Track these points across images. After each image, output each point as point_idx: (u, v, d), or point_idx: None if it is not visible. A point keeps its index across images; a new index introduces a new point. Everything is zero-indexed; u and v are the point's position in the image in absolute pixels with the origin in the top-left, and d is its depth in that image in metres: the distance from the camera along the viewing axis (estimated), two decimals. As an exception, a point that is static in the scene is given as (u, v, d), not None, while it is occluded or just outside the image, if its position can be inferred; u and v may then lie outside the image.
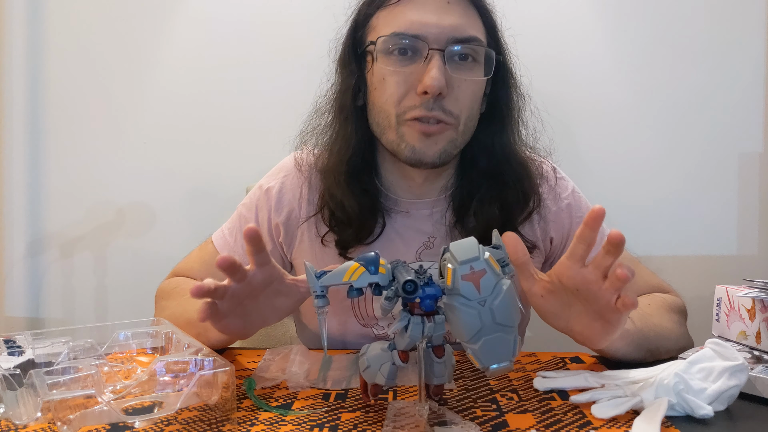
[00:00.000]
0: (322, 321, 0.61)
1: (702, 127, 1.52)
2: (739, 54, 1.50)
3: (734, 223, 1.53)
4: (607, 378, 0.70)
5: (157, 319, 0.80)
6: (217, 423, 0.60)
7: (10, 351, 0.68)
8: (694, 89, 1.51)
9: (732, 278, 0.91)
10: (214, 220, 1.56)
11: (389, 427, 0.58)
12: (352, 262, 0.59)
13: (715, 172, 1.52)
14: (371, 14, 0.86)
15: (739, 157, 1.52)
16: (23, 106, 1.60)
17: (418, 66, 0.82)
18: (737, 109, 1.51)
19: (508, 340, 0.53)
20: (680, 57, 1.51)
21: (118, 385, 0.66)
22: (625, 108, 1.51)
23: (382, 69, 0.83)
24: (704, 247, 1.53)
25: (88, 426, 0.58)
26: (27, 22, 1.59)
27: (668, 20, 1.50)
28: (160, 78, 1.58)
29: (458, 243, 0.55)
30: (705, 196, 1.53)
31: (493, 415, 0.63)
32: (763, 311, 0.75)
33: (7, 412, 0.59)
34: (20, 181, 1.61)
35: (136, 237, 1.60)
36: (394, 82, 0.82)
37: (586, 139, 1.52)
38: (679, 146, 1.52)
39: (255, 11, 1.56)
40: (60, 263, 1.61)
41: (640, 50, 1.49)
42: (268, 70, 1.56)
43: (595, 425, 0.60)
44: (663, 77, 1.51)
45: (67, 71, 1.59)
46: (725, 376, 0.63)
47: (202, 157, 1.58)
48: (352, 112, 0.89)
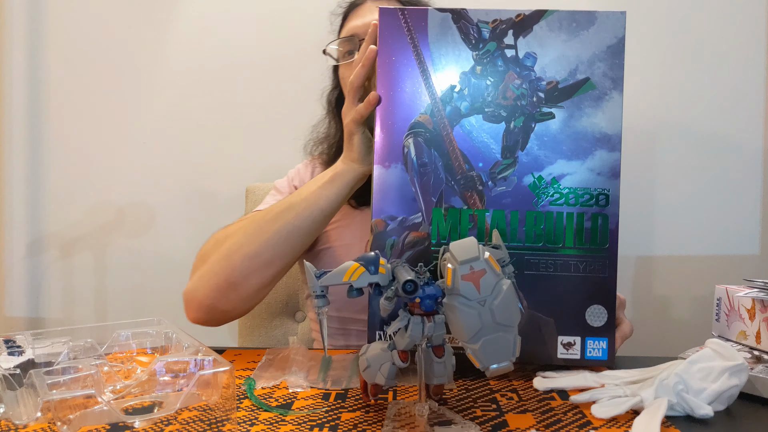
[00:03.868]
0: (322, 321, 0.61)
1: (702, 126, 1.52)
2: (739, 54, 1.50)
3: (734, 223, 1.52)
4: (607, 378, 0.70)
5: (158, 319, 0.80)
6: (217, 423, 0.60)
7: (10, 351, 0.68)
8: (694, 88, 1.51)
9: (732, 278, 0.91)
10: (214, 220, 1.57)
11: (389, 427, 0.58)
12: (352, 262, 0.59)
13: (715, 171, 1.52)
14: (340, 32, 1.04)
15: (739, 157, 1.52)
16: (23, 106, 1.60)
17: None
18: (737, 108, 1.51)
19: (508, 340, 0.54)
20: (679, 57, 1.51)
21: (118, 385, 0.66)
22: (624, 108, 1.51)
23: (340, 69, 1.00)
24: (704, 247, 1.53)
25: (88, 426, 0.58)
26: (27, 22, 1.59)
27: (669, 20, 1.50)
28: (160, 78, 1.58)
29: (458, 243, 0.55)
30: (705, 196, 1.52)
31: (493, 415, 0.63)
32: (763, 311, 0.75)
33: (7, 412, 0.59)
34: (20, 181, 1.61)
35: (136, 237, 1.60)
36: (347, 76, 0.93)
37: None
38: (679, 146, 1.52)
39: (255, 11, 1.56)
40: (60, 263, 1.61)
41: (639, 50, 1.50)
42: (268, 71, 1.56)
43: (595, 425, 0.60)
44: (664, 77, 1.51)
45: (67, 71, 1.59)
46: (725, 376, 0.63)
47: (202, 157, 1.58)
48: (336, 108, 1.04)
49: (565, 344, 0.74)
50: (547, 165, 0.75)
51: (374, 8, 0.97)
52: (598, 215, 0.75)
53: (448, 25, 0.76)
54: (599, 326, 0.74)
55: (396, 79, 0.77)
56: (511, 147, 0.75)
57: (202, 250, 0.94)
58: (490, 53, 0.75)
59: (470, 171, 0.75)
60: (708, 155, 1.52)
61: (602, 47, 0.75)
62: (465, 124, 0.75)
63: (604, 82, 0.75)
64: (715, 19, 1.50)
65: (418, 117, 0.76)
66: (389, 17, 0.77)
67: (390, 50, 0.77)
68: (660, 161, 1.53)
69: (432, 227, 0.75)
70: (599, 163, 0.75)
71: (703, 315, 0.94)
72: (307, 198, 0.86)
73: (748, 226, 1.53)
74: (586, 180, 0.75)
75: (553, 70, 0.75)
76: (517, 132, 0.75)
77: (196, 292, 0.88)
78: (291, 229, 0.85)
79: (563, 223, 0.74)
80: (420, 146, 0.75)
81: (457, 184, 0.75)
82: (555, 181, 0.74)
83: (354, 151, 0.85)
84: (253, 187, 1.33)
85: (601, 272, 0.74)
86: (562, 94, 0.75)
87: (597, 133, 0.75)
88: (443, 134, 0.75)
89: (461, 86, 0.76)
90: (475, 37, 0.75)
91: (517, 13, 0.76)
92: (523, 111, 0.75)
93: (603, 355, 0.74)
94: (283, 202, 0.89)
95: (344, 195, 0.86)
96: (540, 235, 0.74)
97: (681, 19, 1.51)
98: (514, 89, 0.75)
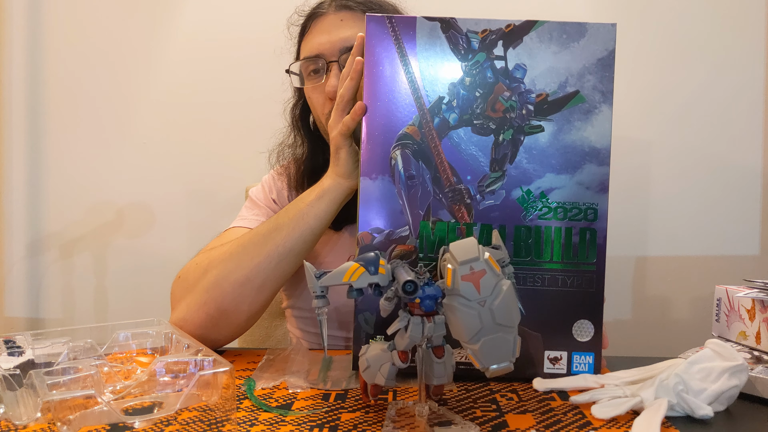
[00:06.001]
0: (322, 321, 0.61)
1: (701, 127, 1.52)
2: (738, 54, 1.50)
3: (734, 223, 1.53)
4: (606, 378, 0.70)
5: (158, 320, 0.80)
6: (217, 423, 0.60)
7: (10, 351, 0.68)
8: (694, 89, 1.51)
9: (732, 278, 0.91)
10: (214, 221, 1.58)
11: (389, 427, 0.58)
12: (351, 262, 0.59)
13: (715, 171, 1.52)
14: (300, 43, 1.00)
15: (739, 157, 1.52)
16: (23, 106, 1.60)
17: (326, 79, 0.92)
18: (737, 108, 1.51)
19: (508, 340, 0.53)
20: (678, 57, 1.51)
21: (118, 385, 0.66)
22: (624, 108, 1.51)
23: (306, 90, 0.97)
24: (704, 247, 1.53)
25: (88, 426, 0.58)
26: (27, 22, 1.59)
27: (667, 20, 1.50)
28: (161, 78, 1.58)
29: (458, 243, 0.55)
30: (705, 197, 1.53)
31: (493, 415, 0.63)
32: (763, 311, 0.75)
33: (7, 413, 0.59)
34: (20, 181, 1.61)
35: (136, 237, 1.60)
36: (315, 98, 0.95)
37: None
38: (679, 146, 1.52)
39: (255, 12, 1.56)
40: (60, 263, 1.61)
41: (639, 50, 1.50)
42: (268, 71, 1.55)
43: (595, 425, 0.60)
44: (663, 77, 1.51)
45: (67, 71, 1.59)
46: (725, 376, 0.63)
47: (202, 158, 1.58)
48: (301, 122, 1.04)
49: (551, 359, 0.74)
50: (536, 179, 0.74)
51: (338, 21, 0.93)
52: (587, 230, 0.74)
53: (437, 34, 0.74)
54: (586, 341, 0.74)
55: (383, 89, 0.75)
56: (499, 160, 0.74)
57: (182, 275, 0.90)
58: (480, 64, 0.74)
59: (458, 184, 0.74)
60: (708, 155, 1.52)
61: (592, 60, 0.74)
62: (453, 136, 0.74)
63: (593, 96, 0.74)
64: (713, 15, 1.50)
65: (405, 128, 0.74)
66: (377, 25, 0.75)
67: (377, 59, 0.75)
68: (660, 161, 1.53)
69: (419, 240, 0.73)
70: (588, 177, 0.74)
71: (702, 315, 0.94)
72: (294, 217, 0.83)
73: (748, 226, 1.53)
74: (574, 194, 0.74)
75: (542, 82, 0.74)
76: (505, 145, 0.74)
77: (185, 323, 0.84)
78: (281, 251, 0.82)
79: (551, 237, 0.74)
80: (407, 158, 0.74)
81: (445, 197, 0.74)
82: (543, 195, 0.73)
83: (341, 165, 0.82)
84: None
85: (588, 287, 0.74)
86: (552, 107, 0.74)
87: (586, 147, 0.74)
88: (431, 146, 0.74)
89: (450, 97, 0.74)
90: (464, 48, 0.74)
91: (507, 23, 0.74)
92: (512, 124, 0.74)
93: (589, 370, 0.74)
94: (270, 222, 0.86)
95: (333, 211, 0.83)
96: (528, 250, 0.74)
97: (682, 16, 1.51)
98: (504, 101, 0.74)
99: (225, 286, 0.83)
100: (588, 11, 1.50)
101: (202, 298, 0.84)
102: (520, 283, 0.73)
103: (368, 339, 0.72)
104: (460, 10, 0.87)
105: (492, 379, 0.75)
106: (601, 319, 0.74)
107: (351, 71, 0.79)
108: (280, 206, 1.02)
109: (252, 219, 1.00)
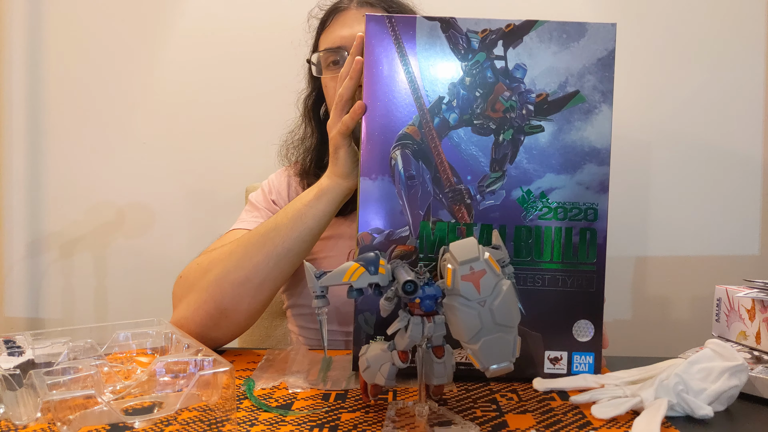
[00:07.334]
0: (321, 321, 0.61)
1: (701, 127, 1.52)
2: (738, 54, 1.50)
3: (734, 223, 1.52)
4: (607, 378, 0.70)
5: (158, 320, 0.80)
6: (217, 423, 0.60)
7: (10, 351, 0.68)
8: (694, 89, 1.51)
9: (732, 278, 0.91)
10: (214, 221, 1.58)
11: (389, 427, 0.59)
12: (351, 262, 0.59)
13: (715, 171, 1.52)
14: (319, 35, 1.03)
15: (739, 157, 1.52)
16: (23, 106, 1.60)
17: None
18: (737, 108, 1.51)
19: (508, 340, 0.54)
20: (678, 57, 1.51)
21: (118, 385, 0.66)
22: (624, 108, 1.51)
23: (323, 80, 0.99)
24: (704, 247, 1.53)
25: (88, 426, 0.58)
26: (27, 22, 1.59)
27: (667, 20, 1.50)
28: (161, 78, 1.58)
29: (458, 243, 0.55)
30: (705, 196, 1.52)
31: (493, 415, 0.63)
32: (763, 311, 0.75)
33: (7, 413, 0.59)
34: (20, 181, 1.61)
35: (136, 237, 1.60)
36: (332, 89, 0.95)
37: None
38: (679, 146, 1.52)
39: (255, 12, 1.56)
40: (60, 263, 1.61)
41: (639, 50, 1.50)
42: (268, 71, 1.56)
43: (595, 425, 0.60)
44: (663, 76, 1.51)
45: (67, 71, 1.59)
46: (725, 376, 0.63)
47: (202, 157, 1.58)
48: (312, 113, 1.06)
49: (551, 359, 0.74)
50: (536, 179, 0.74)
51: (360, 16, 0.95)
52: (587, 230, 0.74)
53: (437, 34, 0.74)
54: (586, 341, 0.74)
55: (383, 89, 0.75)
56: (499, 160, 0.74)
57: (183, 275, 0.90)
58: (480, 64, 0.74)
59: (458, 184, 0.74)
60: (708, 155, 1.52)
61: (592, 59, 0.74)
62: (453, 136, 0.74)
63: (593, 96, 0.74)
64: (712, 16, 1.50)
65: (405, 128, 0.74)
66: (376, 24, 0.75)
67: (377, 58, 0.74)
68: (660, 161, 1.53)
69: (419, 241, 0.73)
70: (588, 177, 0.74)
71: (702, 315, 0.94)
72: (293, 218, 0.83)
73: (748, 227, 1.53)
74: (574, 194, 0.74)
75: (542, 82, 0.74)
76: (505, 145, 0.74)
77: (185, 321, 0.85)
78: (280, 251, 0.83)
79: (551, 237, 0.74)
80: (407, 158, 0.74)
81: (445, 198, 0.74)
82: (543, 195, 0.73)
83: (340, 165, 0.82)
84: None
85: (588, 287, 0.74)
86: (552, 107, 0.74)
87: (586, 147, 0.74)
88: (431, 146, 0.74)
89: (450, 97, 0.74)
90: (464, 47, 0.74)
91: (507, 23, 0.74)
92: (512, 124, 0.74)
93: (590, 370, 0.74)
94: (269, 223, 0.86)
95: (331, 212, 0.84)
96: (528, 250, 0.74)
97: (682, 16, 1.51)
98: (504, 101, 0.74)
99: (224, 285, 0.83)
100: (588, 11, 1.50)
101: (202, 297, 0.84)
102: (520, 283, 0.73)
103: (368, 339, 0.72)
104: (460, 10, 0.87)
105: (492, 379, 0.75)
106: (601, 319, 0.74)
107: (350, 71, 0.79)
108: (279, 207, 1.03)
109: (252, 221, 1.01)
